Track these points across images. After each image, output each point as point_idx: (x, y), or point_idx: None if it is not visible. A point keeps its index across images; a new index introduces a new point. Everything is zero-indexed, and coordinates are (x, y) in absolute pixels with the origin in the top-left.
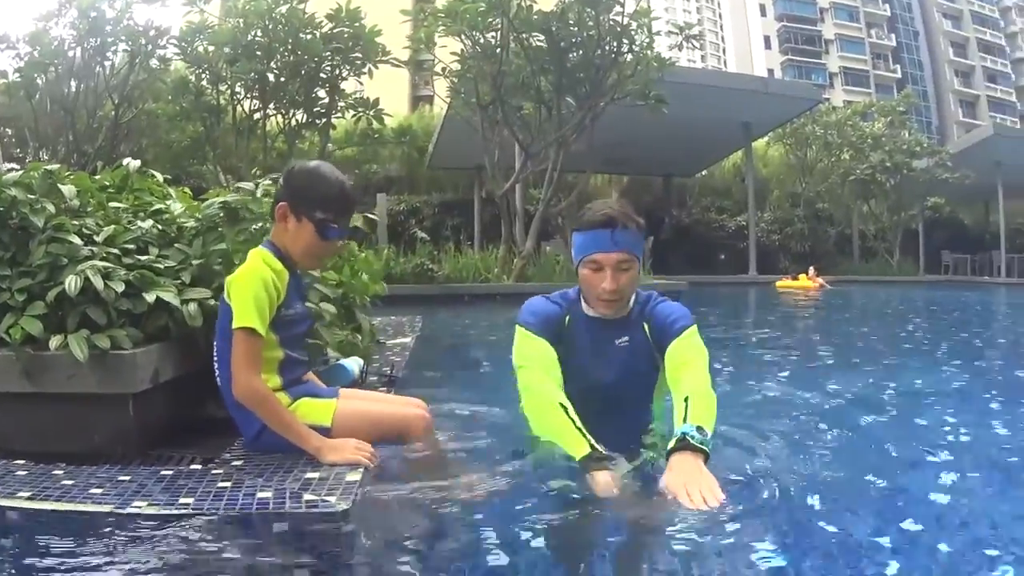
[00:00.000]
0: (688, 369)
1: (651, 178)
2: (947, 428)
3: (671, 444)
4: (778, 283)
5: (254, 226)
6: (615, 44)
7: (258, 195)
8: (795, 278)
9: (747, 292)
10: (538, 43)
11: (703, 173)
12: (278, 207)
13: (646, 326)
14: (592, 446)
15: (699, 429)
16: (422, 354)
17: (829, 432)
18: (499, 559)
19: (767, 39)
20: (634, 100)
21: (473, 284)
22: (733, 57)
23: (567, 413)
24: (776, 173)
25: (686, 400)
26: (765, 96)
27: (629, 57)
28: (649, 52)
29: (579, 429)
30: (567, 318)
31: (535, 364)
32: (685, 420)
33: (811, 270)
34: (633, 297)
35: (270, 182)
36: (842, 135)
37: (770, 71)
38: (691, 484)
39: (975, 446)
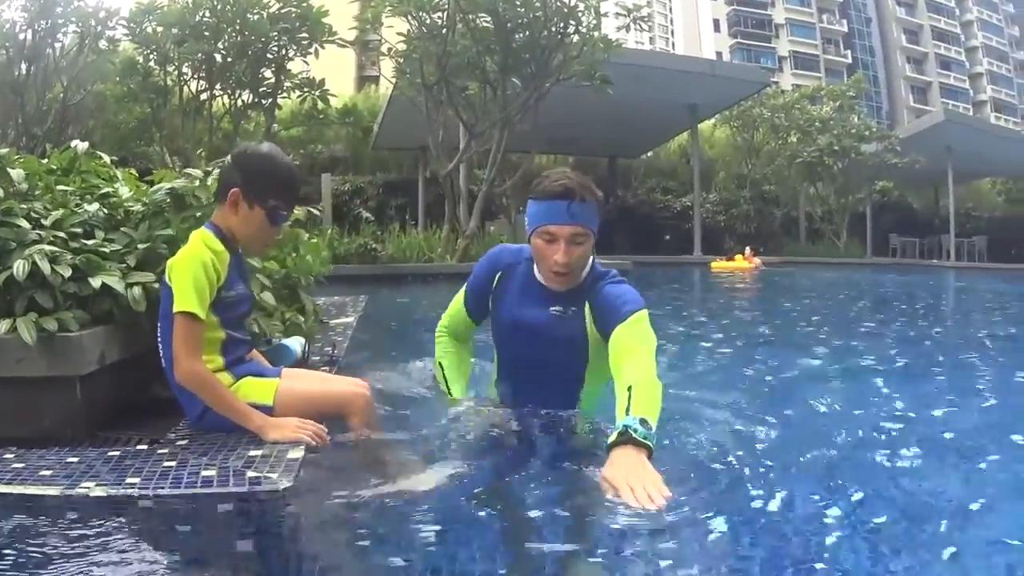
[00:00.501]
0: (632, 356)
1: (596, 159)
2: (892, 405)
3: (612, 437)
4: (713, 263)
5: (199, 213)
6: (562, 25)
7: (207, 183)
8: (731, 259)
9: (692, 272)
10: (484, 23)
11: (648, 154)
12: (231, 192)
13: (588, 304)
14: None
15: (643, 422)
16: (365, 334)
17: (773, 410)
18: (439, 533)
19: (716, 22)
20: (580, 81)
21: (417, 264)
22: (681, 39)
23: (443, 371)
24: (722, 155)
25: (629, 389)
26: (712, 79)
27: (575, 38)
28: (596, 33)
29: (444, 379)
30: (497, 276)
31: (444, 324)
32: (628, 412)
33: (747, 250)
34: (587, 270)
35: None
36: (790, 118)
37: (719, 54)
38: (634, 480)
39: (920, 422)
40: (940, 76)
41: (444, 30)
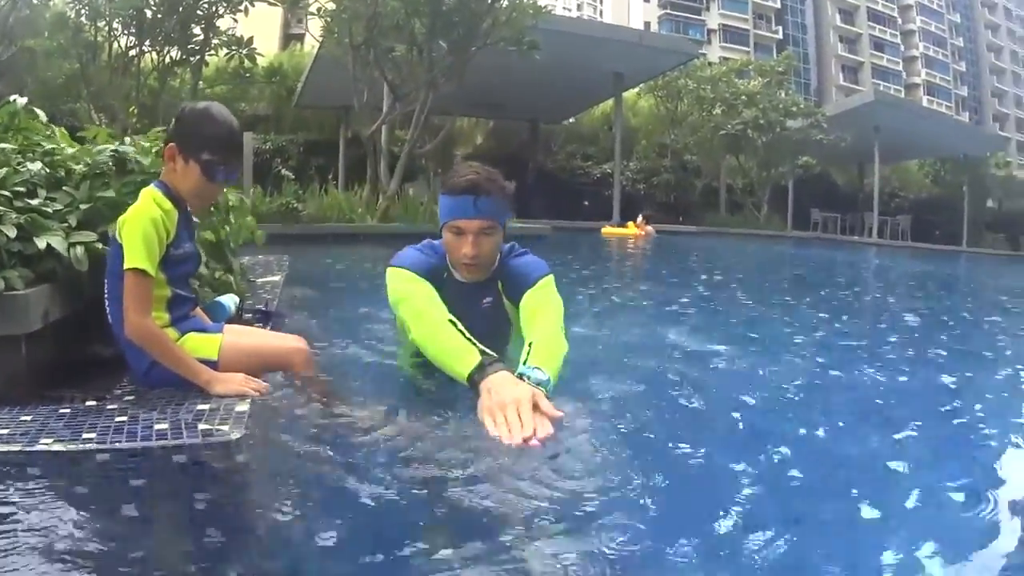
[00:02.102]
0: (538, 318)
1: (518, 123)
2: (804, 371)
3: None
4: (604, 229)
5: (140, 178)
6: None
7: (152, 149)
8: (622, 225)
9: (611, 238)
10: None
11: (571, 120)
12: (167, 148)
13: (500, 284)
14: (483, 353)
15: (536, 369)
16: (292, 292)
17: (686, 375)
18: (380, 473)
19: None
20: (507, 46)
21: (338, 224)
22: (610, 8)
23: (456, 327)
24: (645, 123)
25: (530, 345)
26: (640, 48)
27: (505, 3)
28: None
29: (469, 339)
30: (444, 274)
31: (418, 294)
32: (525, 363)
33: (640, 218)
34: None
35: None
36: (716, 91)
37: (647, 24)
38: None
39: (832, 389)
40: (873, 57)
41: None
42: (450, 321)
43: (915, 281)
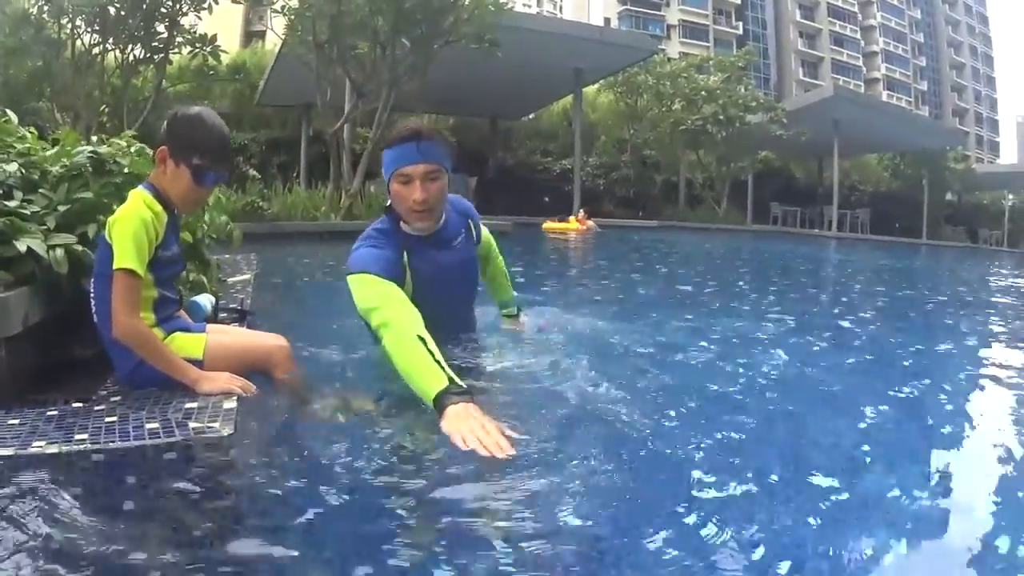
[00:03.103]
0: (502, 279)
1: (478, 120)
2: (769, 361)
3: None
4: (544, 224)
5: (119, 179)
6: None
7: (131, 150)
8: (563, 220)
9: (568, 233)
10: None
11: (531, 116)
12: (158, 150)
13: (471, 223)
14: (451, 379)
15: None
16: (265, 291)
17: (649, 365)
18: (360, 476)
19: None
20: (469, 43)
21: (302, 222)
22: (570, 4)
23: (426, 346)
24: (605, 119)
25: (519, 310)
26: (600, 44)
27: (467, 1)
28: None
29: (438, 362)
30: (405, 255)
31: (388, 302)
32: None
33: (580, 213)
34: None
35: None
36: (675, 86)
37: (606, 20)
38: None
39: (799, 377)
40: (833, 52)
41: None
42: (419, 337)
43: (878, 273)
